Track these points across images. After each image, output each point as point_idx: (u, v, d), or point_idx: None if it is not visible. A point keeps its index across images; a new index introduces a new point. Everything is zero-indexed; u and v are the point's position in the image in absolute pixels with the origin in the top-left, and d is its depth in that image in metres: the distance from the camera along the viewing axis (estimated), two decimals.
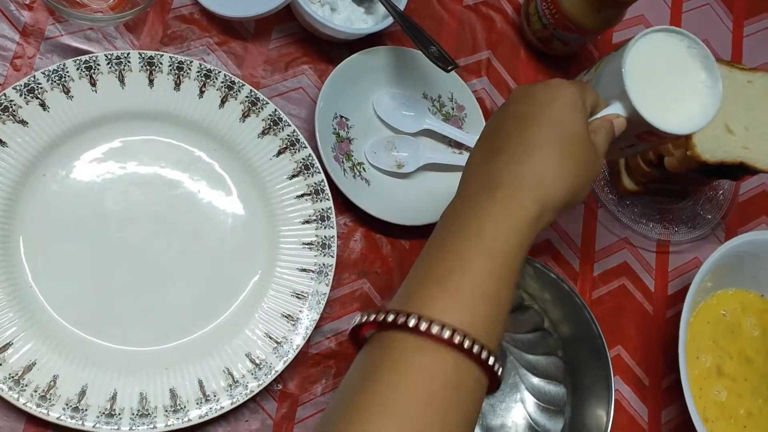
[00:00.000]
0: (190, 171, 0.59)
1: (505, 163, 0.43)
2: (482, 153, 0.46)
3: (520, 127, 0.44)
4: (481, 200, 0.43)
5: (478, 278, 0.39)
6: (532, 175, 0.42)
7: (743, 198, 0.81)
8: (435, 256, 0.42)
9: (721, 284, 0.73)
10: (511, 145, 0.44)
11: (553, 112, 0.44)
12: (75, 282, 0.54)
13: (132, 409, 0.52)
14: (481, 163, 0.45)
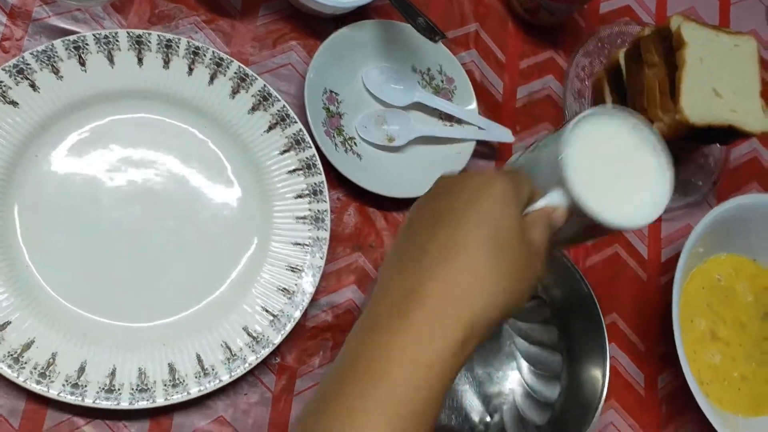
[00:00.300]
0: (183, 148, 0.59)
1: (422, 274, 0.35)
2: (397, 259, 0.38)
3: (442, 227, 0.36)
4: (391, 328, 0.34)
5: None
6: (455, 290, 0.35)
7: (734, 164, 0.82)
8: (330, 400, 0.34)
9: (712, 250, 0.74)
10: (430, 250, 0.36)
11: (481, 209, 0.37)
12: (71, 261, 0.54)
13: (131, 384, 0.52)
14: (394, 274, 0.37)
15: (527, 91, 0.75)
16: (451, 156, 0.67)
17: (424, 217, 0.38)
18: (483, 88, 0.72)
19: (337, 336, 0.60)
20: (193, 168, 0.59)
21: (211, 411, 0.55)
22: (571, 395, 0.62)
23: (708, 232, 0.69)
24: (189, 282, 0.57)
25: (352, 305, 0.62)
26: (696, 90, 0.65)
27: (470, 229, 0.36)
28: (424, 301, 0.34)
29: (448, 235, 0.36)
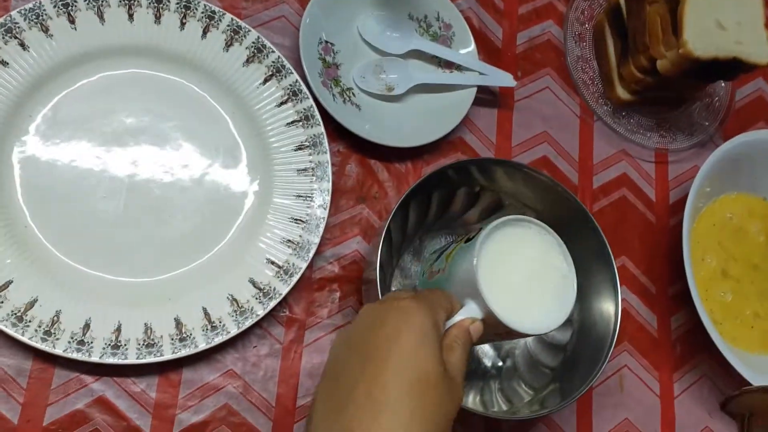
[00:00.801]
0: (179, 103, 0.58)
1: (350, 422, 0.36)
2: (324, 403, 0.39)
3: (367, 371, 0.38)
4: None
5: None
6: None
7: (740, 104, 0.80)
8: None
9: (721, 189, 0.73)
10: (356, 399, 0.37)
11: (401, 349, 0.38)
12: (72, 218, 0.54)
13: (138, 339, 0.51)
14: (322, 418, 0.38)
15: (527, 36, 0.73)
16: (452, 103, 0.66)
17: (351, 353, 0.40)
18: (482, 34, 0.71)
19: (344, 286, 0.60)
20: (191, 122, 0.58)
21: (220, 365, 0.55)
22: (583, 337, 0.61)
23: (715, 171, 0.68)
24: (192, 236, 0.56)
25: (358, 256, 0.61)
26: (699, 23, 0.64)
27: (391, 376, 0.37)
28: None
29: (373, 380, 0.37)
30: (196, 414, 0.53)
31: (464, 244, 0.49)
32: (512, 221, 0.48)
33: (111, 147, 0.56)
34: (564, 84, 0.73)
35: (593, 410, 0.64)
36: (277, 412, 0.55)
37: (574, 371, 0.59)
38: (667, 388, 0.68)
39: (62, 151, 0.55)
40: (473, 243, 0.47)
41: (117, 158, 0.56)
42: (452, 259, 0.49)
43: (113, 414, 0.52)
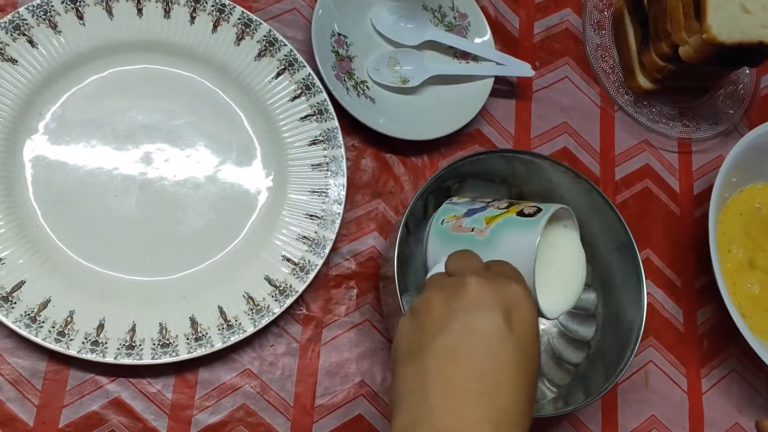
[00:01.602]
0: (190, 98, 0.57)
1: (456, 410, 0.35)
2: (418, 397, 0.36)
3: (459, 366, 0.36)
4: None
5: None
6: (493, 417, 0.35)
7: (766, 91, 0.78)
8: None
9: (747, 179, 0.71)
10: (456, 388, 0.36)
11: (485, 345, 0.36)
12: (84, 217, 0.53)
13: (153, 339, 0.51)
14: (419, 414, 0.36)
15: (545, 25, 0.72)
16: (468, 95, 0.64)
17: (450, 319, 0.37)
18: (498, 24, 0.69)
19: (361, 283, 0.58)
20: (204, 118, 0.57)
21: (237, 364, 0.54)
22: (607, 333, 0.59)
23: (741, 160, 0.66)
24: (206, 233, 0.55)
25: (375, 252, 0.60)
26: (723, 7, 0.62)
27: (487, 367, 0.36)
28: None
29: (468, 373, 0.36)
30: (214, 414, 0.52)
31: (518, 217, 0.47)
32: (566, 210, 0.49)
33: (122, 144, 0.55)
34: (583, 73, 0.71)
35: (618, 407, 0.62)
36: (296, 412, 0.54)
37: (598, 367, 0.58)
38: (695, 383, 0.66)
39: (73, 150, 0.54)
40: (534, 222, 0.46)
41: (129, 156, 0.55)
42: (497, 226, 0.48)
43: (129, 415, 0.51)
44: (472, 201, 0.52)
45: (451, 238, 0.50)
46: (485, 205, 0.51)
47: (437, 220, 0.52)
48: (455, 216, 0.51)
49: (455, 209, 0.52)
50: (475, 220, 0.49)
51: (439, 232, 0.51)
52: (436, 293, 0.39)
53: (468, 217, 0.50)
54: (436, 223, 0.52)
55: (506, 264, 0.43)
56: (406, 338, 0.38)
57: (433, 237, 0.51)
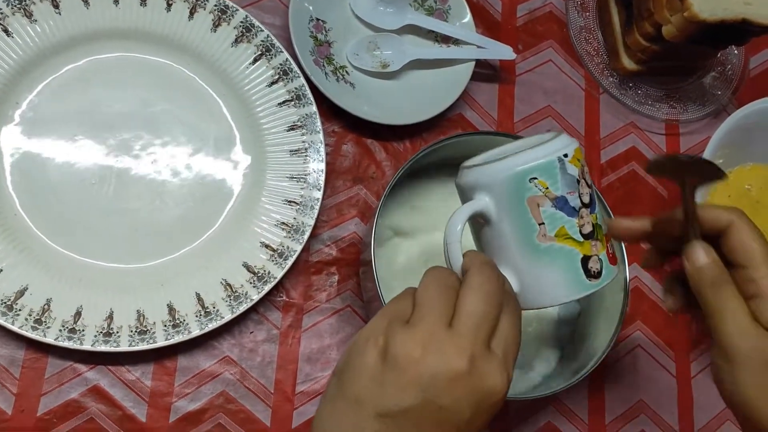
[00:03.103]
0: (167, 86, 0.57)
1: None
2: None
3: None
4: None
5: None
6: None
7: (755, 72, 0.77)
8: None
9: (735, 160, 0.70)
10: None
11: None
12: (62, 205, 0.53)
13: (130, 326, 0.50)
14: None
15: (528, 8, 0.71)
16: (449, 79, 0.64)
17: (415, 401, 0.33)
18: (480, 8, 0.69)
19: (342, 269, 0.58)
20: (181, 105, 0.57)
21: (216, 351, 0.54)
22: (591, 316, 0.59)
23: (728, 140, 0.65)
24: (183, 220, 0.55)
25: (356, 238, 0.59)
26: None
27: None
28: None
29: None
30: (193, 401, 0.52)
31: (579, 265, 0.40)
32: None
33: (100, 133, 0.55)
34: (567, 56, 0.71)
35: (606, 392, 0.62)
36: (276, 399, 0.54)
37: (583, 351, 0.57)
38: (684, 368, 0.65)
39: (50, 138, 0.54)
40: (584, 284, 0.40)
41: (106, 144, 0.55)
42: (559, 250, 0.40)
43: (108, 403, 0.51)
44: (576, 183, 0.40)
45: (519, 204, 0.39)
46: (576, 209, 0.40)
47: (528, 169, 0.39)
48: (549, 188, 0.39)
49: (556, 178, 0.39)
50: (553, 220, 0.39)
51: (517, 186, 0.39)
52: (372, 337, 0.35)
53: (553, 207, 0.39)
54: (525, 172, 0.39)
55: (476, 314, 0.35)
56: (369, 381, 0.34)
57: (506, 181, 0.39)
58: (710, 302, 0.38)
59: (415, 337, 0.34)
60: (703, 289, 0.38)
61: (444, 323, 0.34)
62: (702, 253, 0.39)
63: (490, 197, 0.40)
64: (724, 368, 0.37)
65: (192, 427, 0.52)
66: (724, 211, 0.39)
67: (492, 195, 0.40)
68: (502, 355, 0.35)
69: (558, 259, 0.40)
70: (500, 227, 0.40)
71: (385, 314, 0.36)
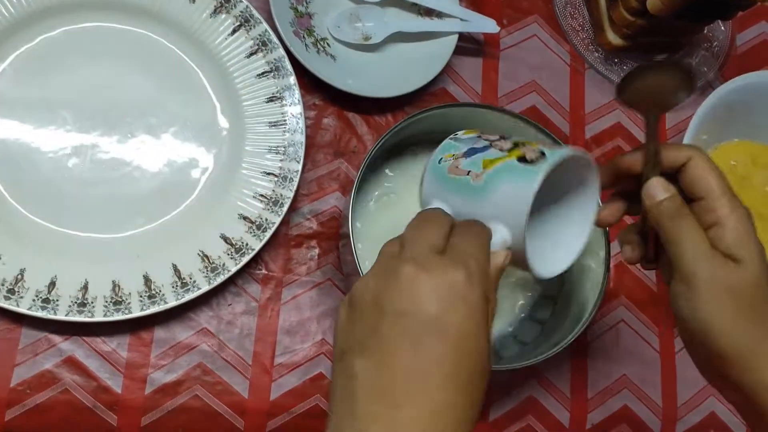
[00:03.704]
0: (145, 57, 0.57)
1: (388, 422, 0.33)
2: (368, 385, 0.33)
3: (421, 361, 0.33)
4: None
5: None
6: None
7: (742, 49, 0.77)
8: None
9: (720, 136, 0.69)
10: (409, 389, 0.33)
11: (460, 341, 0.34)
12: (38, 176, 0.52)
13: (105, 297, 0.50)
14: (368, 402, 0.33)
15: None
16: (432, 52, 0.63)
17: (396, 333, 0.34)
18: None
19: (322, 243, 0.58)
20: (159, 76, 0.56)
21: (194, 323, 0.53)
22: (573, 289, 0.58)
23: (712, 117, 0.65)
24: (160, 191, 0.54)
25: (336, 212, 0.59)
26: None
27: (451, 371, 0.33)
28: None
29: (431, 373, 0.33)
30: (170, 373, 0.52)
31: (518, 163, 0.41)
32: (578, 158, 0.42)
33: (76, 103, 0.54)
34: (552, 31, 0.70)
35: (588, 366, 0.61)
36: (254, 371, 0.53)
37: (565, 324, 0.57)
38: (668, 343, 0.65)
39: (25, 109, 0.53)
40: (534, 172, 0.39)
41: (82, 115, 0.54)
42: (494, 172, 0.41)
43: (83, 374, 0.50)
44: (476, 138, 0.45)
45: (446, 180, 0.43)
46: (488, 145, 0.43)
47: (435, 158, 0.44)
48: (454, 155, 0.44)
49: (456, 147, 0.44)
50: (474, 162, 0.43)
51: (436, 172, 0.44)
52: (371, 281, 0.35)
53: (467, 158, 0.43)
54: (434, 161, 0.44)
55: (469, 237, 0.37)
56: (342, 333, 0.36)
57: (428, 176, 0.44)
58: (670, 233, 0.39)
59: (371, 272, 0.36)
60: (663, 221, 0.40)
61: (398, 252, 0.36)
62: (660, 188, 0.40)
63: (435, 196, 0.43)
64: (684, 294, 0.39)
65: (168, 398, 0.51)
66: (683, 148, 0.41)
67: (432, 191, 0.43)
68: (454, 255, 0.35)
69: (499, 175, 0.41)
70: (456, 206, 0.42)
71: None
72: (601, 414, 0.61)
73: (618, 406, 0.61)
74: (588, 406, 0.60)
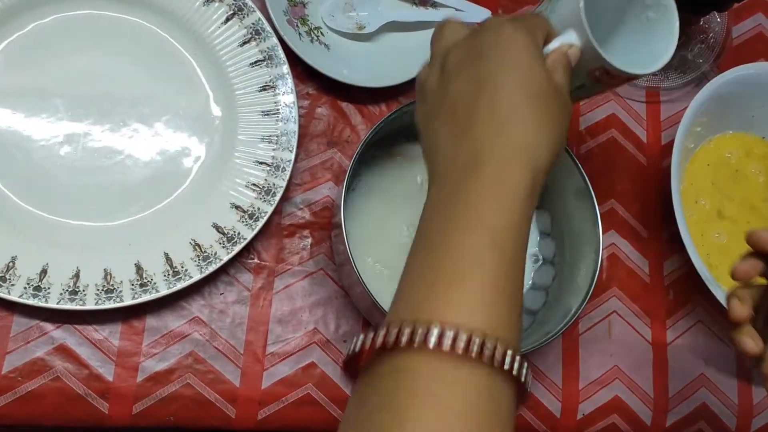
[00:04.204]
0: (138, 45, 0.56)
1: (480, 137, 0.37)
2: (448, 129, 0.39)
3: (485, 93, 0.38)
4: (467, 185, 0.36)
5: (489, 274, 0.33)
6: (515, 143, 0.37)
7: (738, 41, 0.76)
8: (429, 258, 0.35)
9: (714, 128, 0.69)
10: (481, 115, 0.38)
11: (515, 67, 0.39)
12: (30, 163, 0.52)
13: (96, 285, 0.50)
14: (450, 143, 0.39)
15: None
16: (426, 42, 0.62)
17: (462, 85, 0.39)
18: None
19: (315, 233, 0.58)
20: (151, 64, 0.56)
21: (185, 312, 0.53)
22: (565, 280, 0.58)
23: (706, 109, 0.65)
24: (152, 179, 0.54)
25: (329, 202, 0.59)
26: None
27: (510, 93, 0.38)
28: (490, 157, 0.37)
29: (494, 101, 0.38)
30: (161, 362, 0.52)
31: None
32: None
33: (67, 91, 0.54)
34: None
35: (580, 357, 0.62)
36: (246, 360, 0.54)
37: (556, 314, 0.57)
38: (660, 334, 0.65)
39: (16, 96, 0.53)
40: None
41: (74, 102, 0.54)
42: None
43: (75, 362, 0.50)
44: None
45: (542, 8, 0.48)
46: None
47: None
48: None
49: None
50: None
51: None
52: (452, 46, 0.42)
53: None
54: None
55: (530, 15, 0.44)
56: (431, 79, 0.42)
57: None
58: None
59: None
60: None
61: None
62: None
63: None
64: None
65: (160, 386, 0.51)
66: None
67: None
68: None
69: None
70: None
71: None
72: (593, 404, 0.61)
73: (609, 396, 0.61)
74: (579, 396, 0.61)
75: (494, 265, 0.33)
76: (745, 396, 0.65)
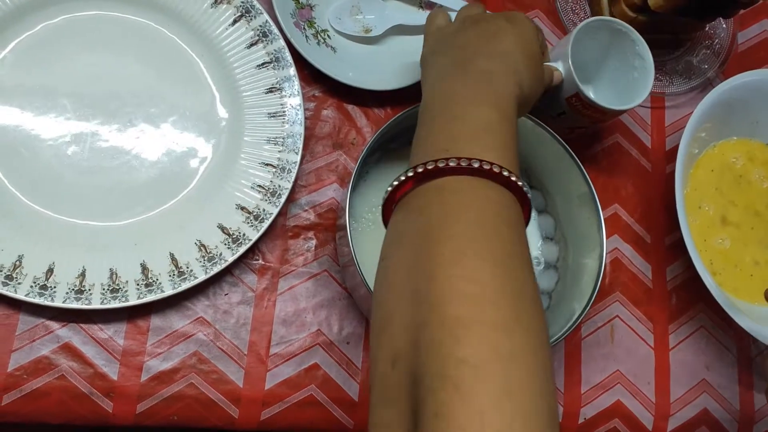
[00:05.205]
0: (145, 45, 0.57)
1: (479, 62, 0.45)
2: (452, 58, 0.47)
3: (489, 39, 0.47)
4: (467, 77, 0.44)
5: (497, 135, 0.40)
6: (509, 66, 0.45)
7: (743, 47, 0.76)
8: (445, 124, 0.41)
9: (718, 134, 0.69)
10: (482, 52, 0.46)
11: (518, 31, 0.48)
12: (37, 163, 0.53)
13: (102, 284, 0.50)
14: (452, 65, 0.46)
15: None
16: None
17: (470, 35, 0.48)
18: None
19: (320, 234, 0.58)
20: (159, 66, 0.57)
21: (190, 312, 0.54)
22: (568, 284, 0.59)
23: (711, 115, 0.65)
24: (158, 180, 0.54)
25: (334, 204, 0.59)
26: None
27: (511, 41, 0.47)
28: (487, 67, 0.44)
29: (494, 43, 0.46)
30: (165, 361, 0.52)
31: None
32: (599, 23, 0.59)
33: (75, 91, 0.54)
34: (554, 26, 0.70)
35: (582, 362, 0.62)
36: (250, 360, 0.54)
37: (559, 319, 0.57)
38: (662, 339, 0.65)
39: (24, 96, 0.53)
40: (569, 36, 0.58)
41: (81, 103, 0.54)
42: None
43: (80, 360, 0.51)
44: None
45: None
46: None
47: None
48: None
49: None
50: None
51: None
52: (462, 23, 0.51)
53: None
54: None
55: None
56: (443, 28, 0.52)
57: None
58: None
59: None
60: None
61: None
62: None
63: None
64: None
65: (164, 386, 0.52)
66: None
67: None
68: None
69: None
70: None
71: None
72: (594, 408, 0.61)
73: (611, 401, 0.62)
74: (581, 400, 0.61)
75: (502, 128, 0.41)
76: (746, 402, 0.65)
